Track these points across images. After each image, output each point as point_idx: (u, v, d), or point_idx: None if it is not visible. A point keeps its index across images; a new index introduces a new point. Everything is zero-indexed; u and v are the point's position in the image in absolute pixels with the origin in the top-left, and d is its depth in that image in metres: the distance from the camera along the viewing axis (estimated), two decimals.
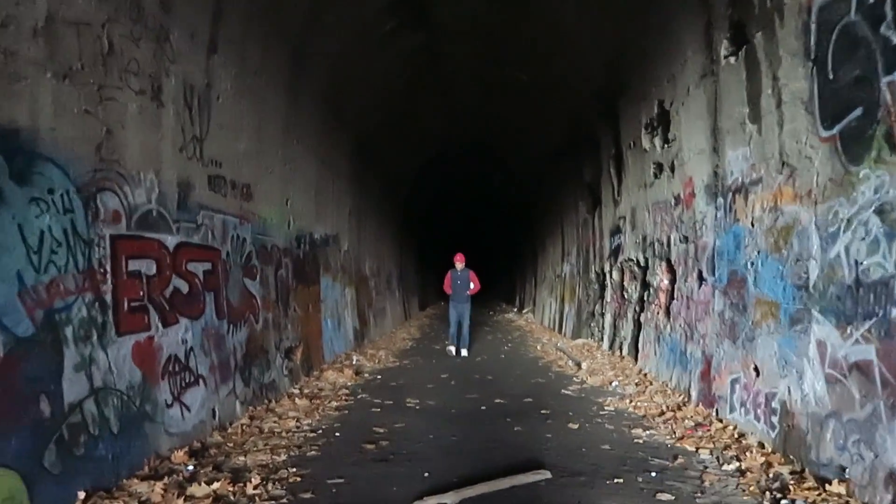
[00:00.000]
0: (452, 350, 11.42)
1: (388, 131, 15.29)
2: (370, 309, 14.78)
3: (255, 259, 7.20)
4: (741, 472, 4.21)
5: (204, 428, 5.42)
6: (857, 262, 3.63)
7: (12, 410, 3.32)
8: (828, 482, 3.69)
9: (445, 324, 11.63)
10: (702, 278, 6.15)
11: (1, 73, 3.34)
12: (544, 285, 18.82)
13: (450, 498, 3.64)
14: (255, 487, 3.87)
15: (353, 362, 9.99)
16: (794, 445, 4.21)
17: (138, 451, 4.39)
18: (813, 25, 4.07)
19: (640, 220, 8.40)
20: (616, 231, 9.81)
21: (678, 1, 6.31)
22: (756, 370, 4.87)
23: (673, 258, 7.05)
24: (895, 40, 3.30)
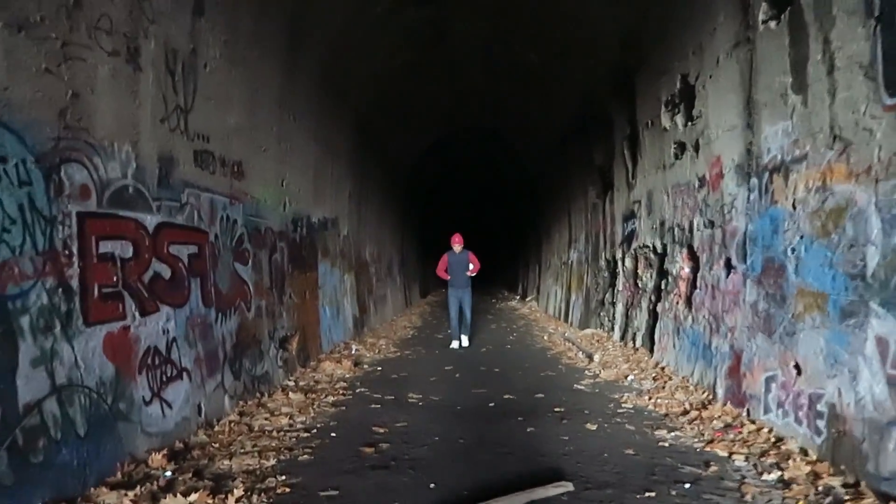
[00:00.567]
0: (456, 345, 10.52)
1: (391, 112, 14.75)
2: (370, 296, 14.32)
3: (248, 242, 6.72)
4: (785, 483, 3.74)
5: (188, 426, 4.96)
6: None
7: None
8: (892, 499, 3.23)
9: (447, 312, 10.99)
10: (730, 266, 5.66)
11: None
12: (549, 273, 18.33)
13: None
14: (238, 500, 3.41)
15: (353, 352, 9.54)
16: (846, 455, 3.74)
17: (110, 455, 3.93)
18: None
19: (658, 204, 7.89)
20: (630, 216, 9.31)
21: None
22: (797, 368, 4.39)
23: (696, 244, 6.56)
24: None
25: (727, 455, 4.31)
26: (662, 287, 7.61)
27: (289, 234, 8.25)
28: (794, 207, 4.55)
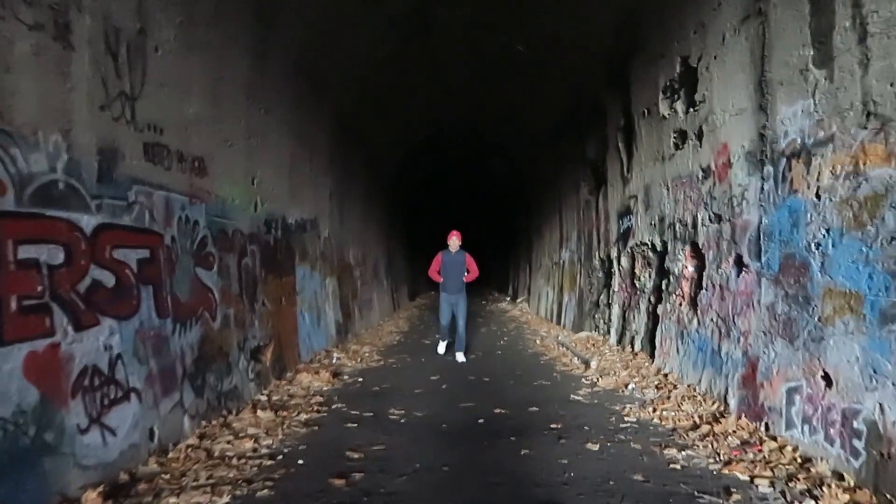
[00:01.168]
0: (442, 348, 9.73)
1: (374, 108, 14.16)
2: (355, 300, 13.73)
3: (212, 245, 6.13)
4: None
5: (136, 454, 4.37)
6: None
7: None
8: None
9: (436, 315, 10.35)
10: (742, 264, 5.14)
11: None
12: (540, 273, 17.81)
13: None
14: None
15: (333, 361, 8.95)
16: (891, 481, 3.22)
17: (31, 496, 3.33)
18: None
19: (657, 199, 7.37)
20: (625, 212, 8.79)
21: None
22: (826, 379, 3.87)
23: (700, 241, 6.04)
24: None
25: (749, 479, 3.78)
26: (663, 287, 7.09)
27: (261, 236, 7.66)
28: (817, 197, 4.02)
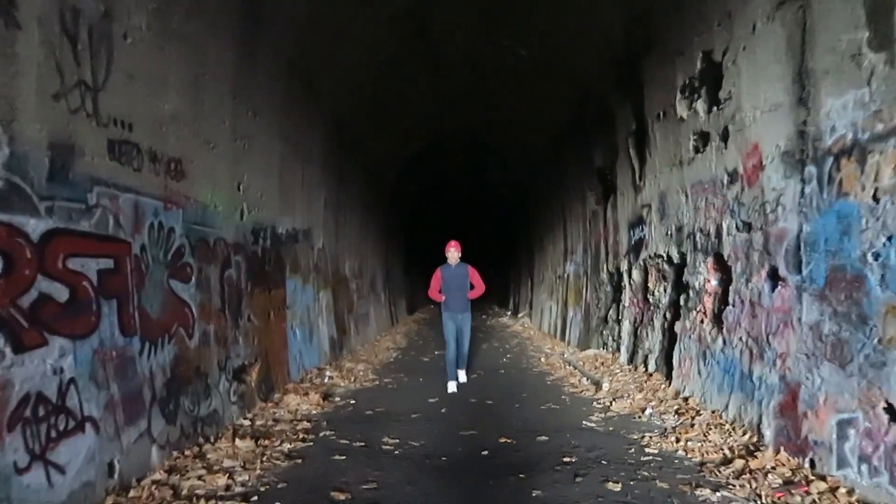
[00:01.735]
0: (453, 386, 7.81)
1: (372, 116, 13.70)
2: (350, 315, 13.17)
3: (190, 256, 5.59)
4: None
5: (90, 494, 3.80)
6: None
7: None
8: None
9: (435, 330, 9.70)
10: (777, 278, 4.59)
11: None
12: (543, 287, 17.26)
13: None
14: None
15: (325, 381, 8.38)
16: None
17: None
18: None
19: (674, 207, 6.84)
20: (637, 222, 8.26)
21: None
22: (891, 411, 3.32)
23: (725, 252, 5.50)
24: None
25: None
26: (681, 303, 6.53)
27: (247, 246, 7.12)
28: (875, 199, 3.49)
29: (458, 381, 7.98)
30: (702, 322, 6.00)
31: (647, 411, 5.94)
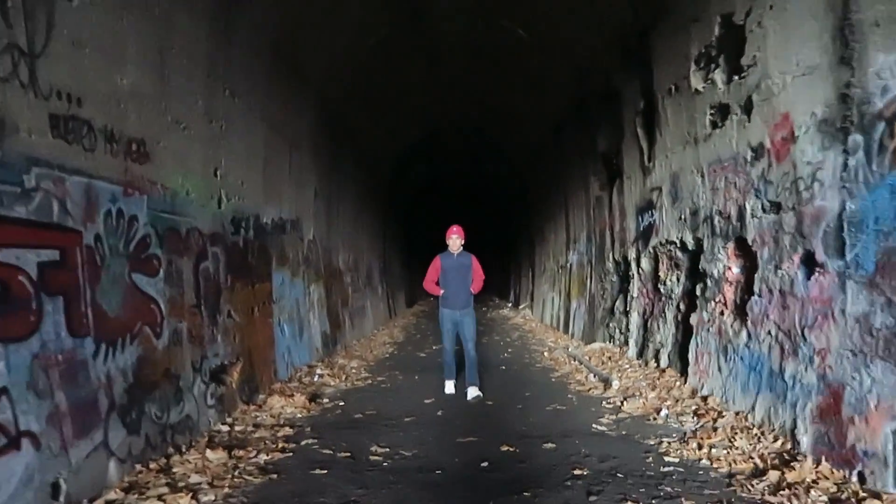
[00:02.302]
0: (451, 387, 7.02)
1: (365, 103, 13.13)
2: (345, 308, 12.65)
3: (157, 247, 5.05)
4: None
5: None
6: None
7: None
8: None
9: (435, 323, 9.06)
10: (814, 263, 4.06)
11: None
12: (544, 278, 16.73)
13: None
14: None
15: (315, 380, 7.86)
16: None
17: None
18: None
19: (688, 189, 6.30)
20: (646, 207, 7.71)
21: None
22: None
23: (749, 236, 4.96)
24: None
25: None
26: (697, 293, 6.00)
27: (226, 236, 6.59)
28: None
29: (455, 382, 7.05)
30: (722, 314, 5.47)
31: (662, 412, 5.42)
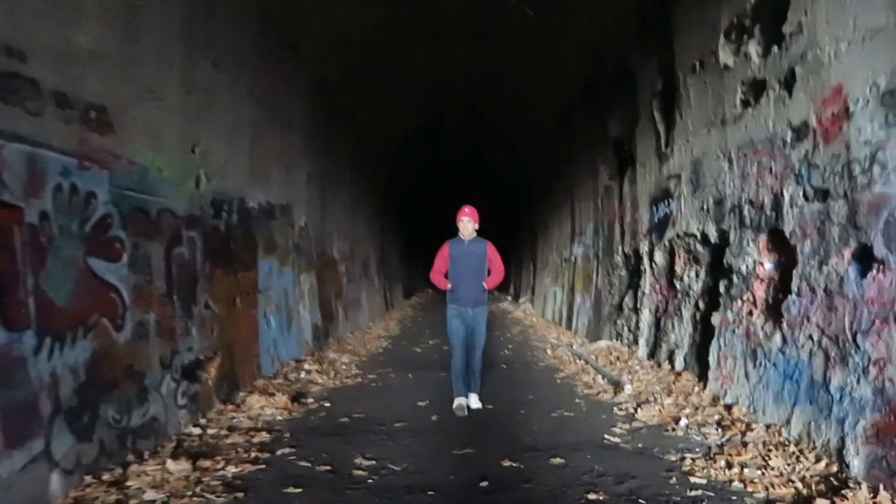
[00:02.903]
0: (463, 406, 5.64)
1: (364, 86, 12.51)
2: (339, 300, 12.09)
3: (120, 228, 4.49)
4: None
5: None
6: None
7: None
8: None
9: (431, 316, 8.49)
10: (870, 259, 3.50)
11: None
12: (546, 271, 16.19)
13: None
14: None
15: (301, 376, 7.32)
16: None
17: None
18: None
19: (712, 176, 5.74)
20: (662, 197, 7.15)
21: None
22: None
23: (788, 227, 4.40)
24: None
25: None
26: (721, 290, 5.45)
27: (205, 219, 6.03)
28: None
29: (468, 401, 5.77)
30: (750, 314, 4.92)
31: (681, 422, 4.87)
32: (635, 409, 5.36)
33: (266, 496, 3.47)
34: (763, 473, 3.71)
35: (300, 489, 3.55)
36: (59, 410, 3.68)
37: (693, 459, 4.05)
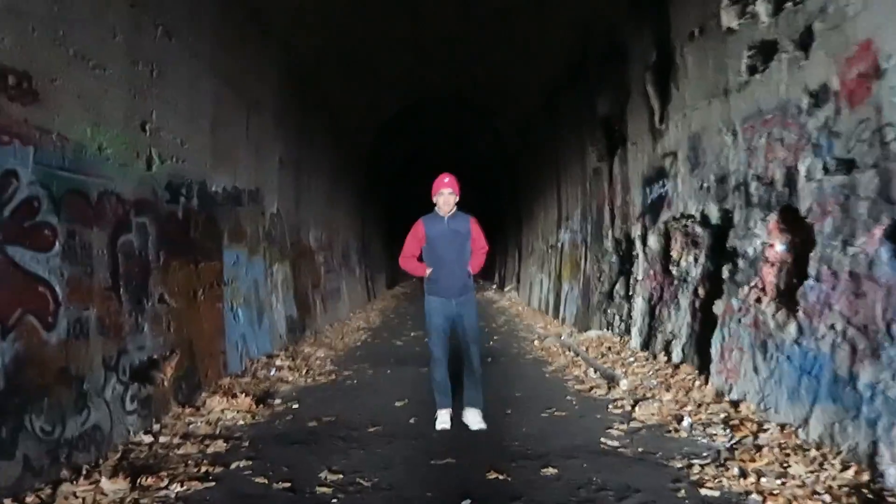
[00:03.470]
0: (445, 419, 4.72)
1: (341, 66, 11.93)
2: (316, 290, 11.56)
3: (50, 213, 3.94)
4: None
5: None
6: None
7: None
8: None
9: (415, 305, 7.93)
10: None
11: None
12: (532, 259, 15.75)
13: None
14: None
15: (271, 374, 6.80)
16: None
17: None
18: None
19: (713, 152, 5.27)
20: (656, 177, 6.68)
21: None
22: None
23: (803, 205, 3.95)
24: None
25: None
26: (724, 275, 4.99)
27: (159, 204, 5.47)
28: None
29: (451, 412, 4.78)
30: (758, 301, 4.47)
31: (684, 422, 4.42)
32: (632, 407, 4.91)
33: None
34: (783, 483, 3.26)
35: None
36: None
37: (702, 466, 3.59)
